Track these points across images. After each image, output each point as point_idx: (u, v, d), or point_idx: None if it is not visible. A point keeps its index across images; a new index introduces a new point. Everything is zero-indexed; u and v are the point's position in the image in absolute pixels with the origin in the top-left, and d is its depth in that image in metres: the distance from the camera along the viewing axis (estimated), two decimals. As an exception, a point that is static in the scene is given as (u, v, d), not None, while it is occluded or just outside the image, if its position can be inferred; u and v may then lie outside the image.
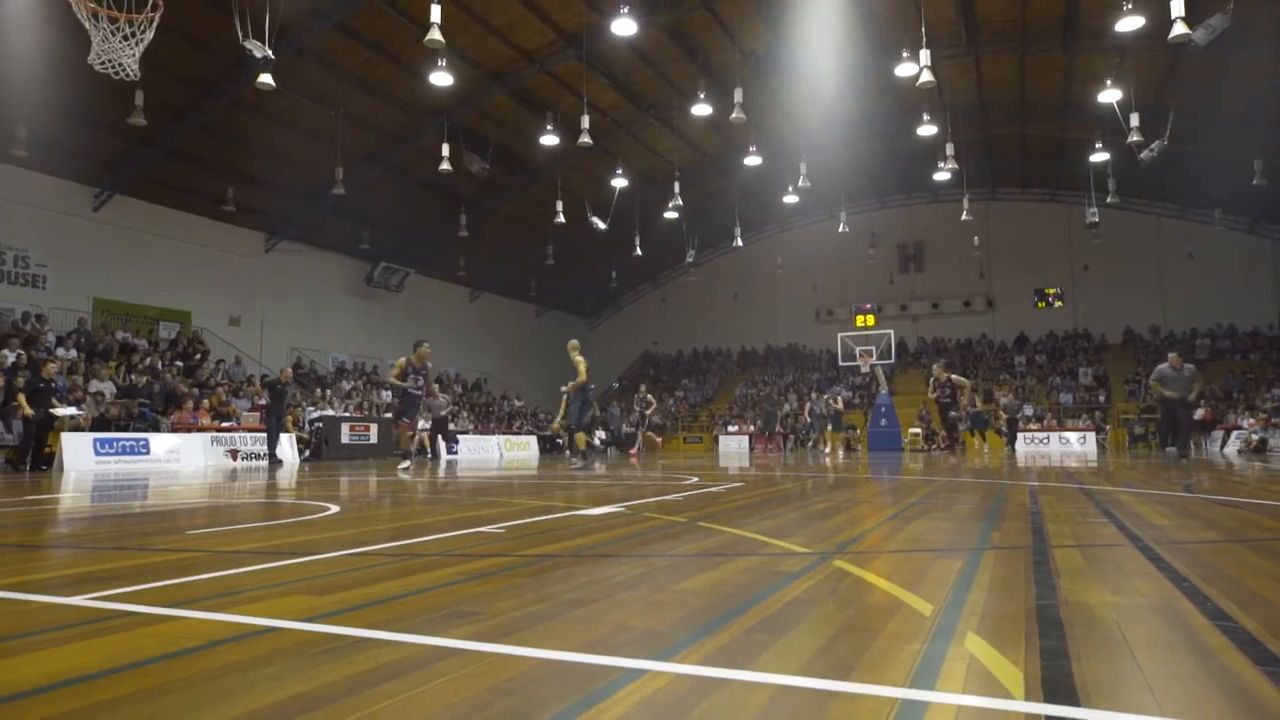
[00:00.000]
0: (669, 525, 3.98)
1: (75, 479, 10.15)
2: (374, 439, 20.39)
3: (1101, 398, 30.06)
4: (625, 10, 16.76)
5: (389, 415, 19.07)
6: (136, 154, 19.32)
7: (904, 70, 18.17)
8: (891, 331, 27.74)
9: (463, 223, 25.30)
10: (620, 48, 20.30)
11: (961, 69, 22.43)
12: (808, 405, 26.10)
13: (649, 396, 22.00)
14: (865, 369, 27.30)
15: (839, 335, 28.11)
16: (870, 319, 35.11)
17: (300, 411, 19.54)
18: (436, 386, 22.88)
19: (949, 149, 22.29)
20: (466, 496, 6.41)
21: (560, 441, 25.05)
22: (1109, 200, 25.24)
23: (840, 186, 29.49)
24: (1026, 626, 1.82)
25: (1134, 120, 19.35)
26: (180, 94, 18.05)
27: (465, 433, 24.40)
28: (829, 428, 20.35)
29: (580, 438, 12.36)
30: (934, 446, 15.30)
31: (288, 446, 16.99)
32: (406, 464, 11.51)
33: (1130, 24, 16.21)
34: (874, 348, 26.43)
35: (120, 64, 9.62)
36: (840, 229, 29.30)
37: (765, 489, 6.77)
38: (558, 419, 23.30)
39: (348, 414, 20.98)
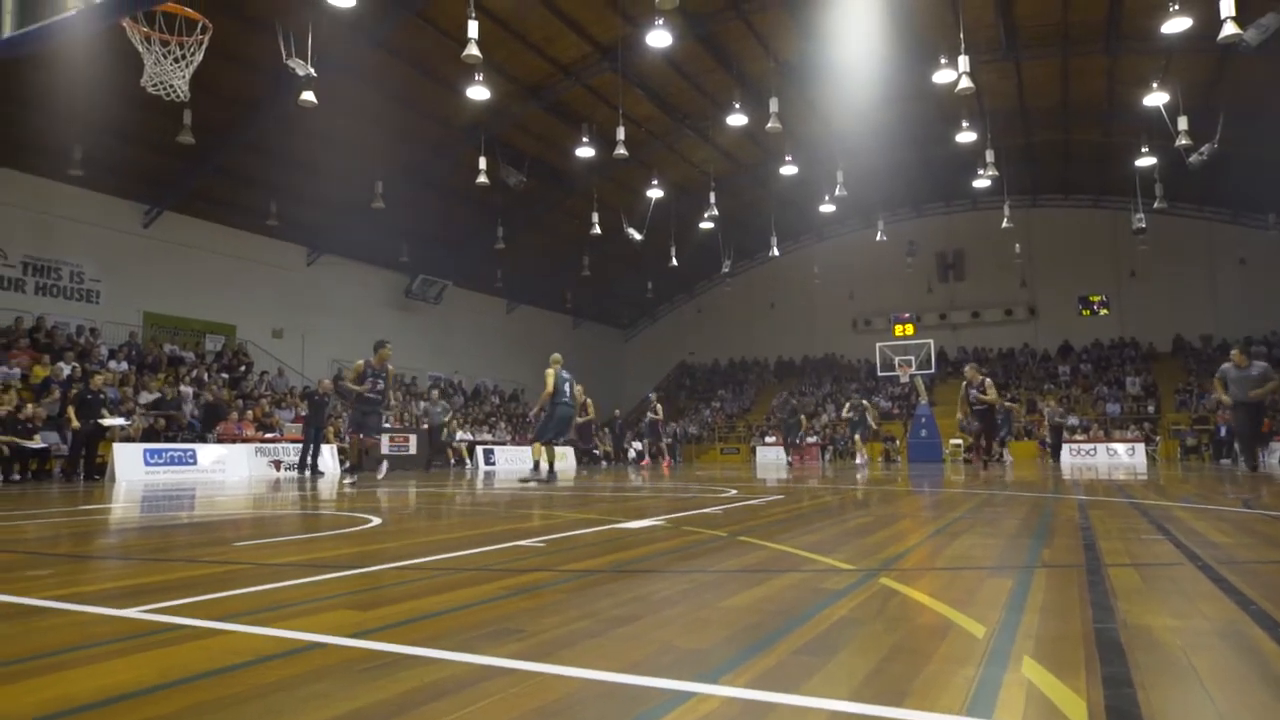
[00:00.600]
0: (710, 540, 3.95)
1: (126, 489, 10.41)
2: (413, 450, 20.66)
3: (1151, 408, 29.25)
4: (660, 22, 16.84)
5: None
6: (184, 172, 19.90)
7: (942, 76, 17.96)
8: (931, 341, 27.36)
9: (499, 235, 25.57)
10: (655, 59, 20.38)
11: (1001, 74, 22.09)
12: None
13: (658, 406, 21.57)
14: (904, 379, 26.95)
15: (877, 345, 27.77)
16: (909, 328, 34.61)
17: (340, 423, 19.82)
18: (436, 393, 23.05)
19: (989, 155, 21.98)
20: (504, 509, 6.44)
21: (597, 453, 25.05)
22: (1156, 205, 24.63)
23: (878, 195, 29.24)
24: (1085, 651, 1.76)
25: (1182, 123, 18.89)
26: (226, 113, 18.57)
27: (503, 443, 24.57)
28: (857, 437, 20.00)
29: (537, 448, 11.06)
30: (987, 460, 14.75)
31: (329, 458, 17.25)
32: (351, 479, 10.65)
33: (1177, 25, 15.79)
34: (913, 357, 26.07)
35: (171, 85, 9.94)
36: (878, 238, 29.07)
37: (804, 502, 6.70)
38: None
39: (387, 425, 21.23)
